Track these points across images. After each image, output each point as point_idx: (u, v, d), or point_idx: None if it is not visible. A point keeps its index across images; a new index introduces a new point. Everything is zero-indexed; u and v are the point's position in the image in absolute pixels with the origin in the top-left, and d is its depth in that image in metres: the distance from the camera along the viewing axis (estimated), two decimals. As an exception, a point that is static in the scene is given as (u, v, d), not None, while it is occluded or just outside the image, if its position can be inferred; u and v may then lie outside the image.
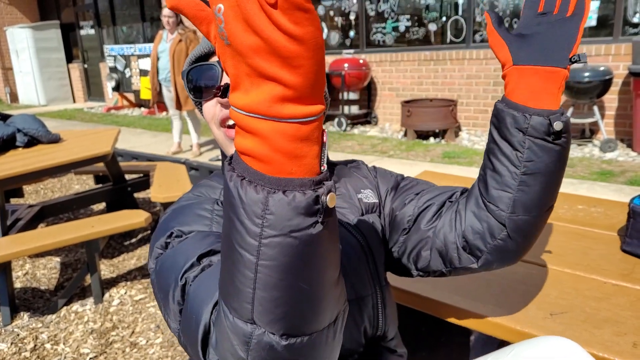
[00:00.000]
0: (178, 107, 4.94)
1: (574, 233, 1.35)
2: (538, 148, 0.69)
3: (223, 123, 0.72)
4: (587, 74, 4.25)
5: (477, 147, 5.03)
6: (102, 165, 3.49)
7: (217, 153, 5.17)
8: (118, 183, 3.42)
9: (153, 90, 5.21)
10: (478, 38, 5.68)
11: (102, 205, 3.92)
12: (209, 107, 0.74)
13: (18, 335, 2.21)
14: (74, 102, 11.98)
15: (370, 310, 0.78)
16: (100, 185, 3.69)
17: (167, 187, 2.96)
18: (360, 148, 5.21)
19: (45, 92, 11.44)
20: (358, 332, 0.77)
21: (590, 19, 4.83)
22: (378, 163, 4.48)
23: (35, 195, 4.51)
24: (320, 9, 6.81)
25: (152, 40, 9.02)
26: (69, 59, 11.84)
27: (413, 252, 0.83)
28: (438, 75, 5.87)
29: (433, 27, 5.96)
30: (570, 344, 0.75)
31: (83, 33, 11.34)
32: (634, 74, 4.13)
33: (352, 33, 6.64)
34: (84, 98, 11.84)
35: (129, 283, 2.68)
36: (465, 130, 5.77)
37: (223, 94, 0.66)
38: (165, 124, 7.39)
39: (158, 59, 5.02)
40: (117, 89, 9.50)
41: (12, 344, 2.15)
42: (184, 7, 0.37)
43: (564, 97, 4.76)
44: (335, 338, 0.45)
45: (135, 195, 3.77)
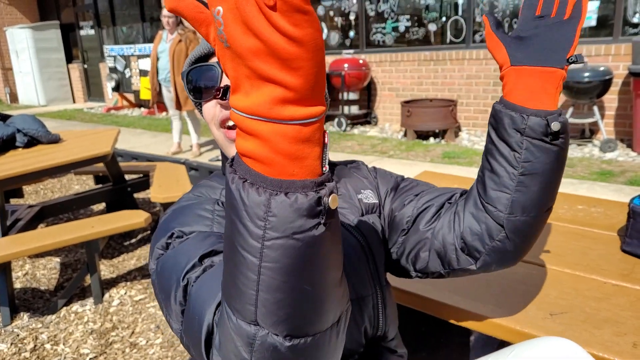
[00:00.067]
0: (178, 107, 4.94)
1: (574, 233, 1.35)
2: (536, 149, 0.69)
3: (223, 124, 0.72)
4: (587, 74, 4.25)
5: (477, 147, 5.03)
6: (102, 166, 3.49)
7: (216, 153, 5.17)
8: (118, 183, 3.42)
9: (153, 91, 5.21)
10: (478, 38, 5.68)
11: (102, 206, 3.92)
12: (209, 108, 0.74)
13: (18, 336, 2.21)
14: (74, 102, 11.98)
15: (371, 311, 0.78)
16: (100, 186, 3.69)
17: (166, 187, 2.96)
18: (360, 148, 5.21)
19: (45, 92, 11.44)
20: (358, 332, 0.77)
21: (590, 19, 4.83)
22: (378, 163, 4.48)
23: (35, 196, 4.51)
24: (320, 9, 6.81)
25: (151, 41, 9.02)
26: (69, 59, 11.84)
27: (412, 253, 0.83)
28: (438, 76, 5.87)
29: (433, 27, 5.96)
30: (571, 345, 0.75)
31: (83, 33, 11.34)
32: (634, 74, 4.13)
33: (352, 33, 6.64)
34: (84, 98, 11.84)
35: (129, 283, 2.68)
36: (465, 131, 5.78)
37: (223, 96, 0.66)
38: (165, 124, 7.39)
39: (158, 59, 5.02)
40: (117, 89, 9.51)
41: (12, 345, 2.15)
42: (183, 9, 0.37)
43: (564, 97, 4.76)
44: (339, 338, 0.45)
45: (135, 196, 3.77)
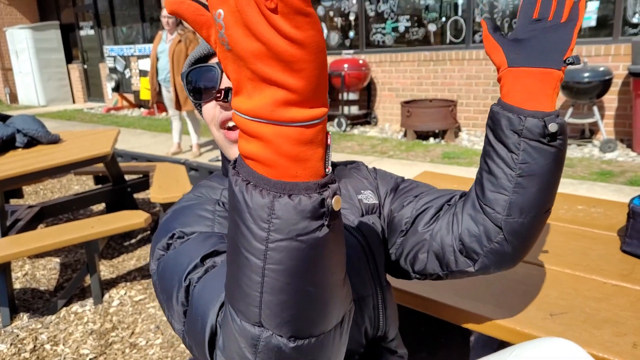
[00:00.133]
0: (177, 107, 4.94)
1: (574, 233, 1.35)
2: (533, 150, 0.69)
3: (223, 125, 0.72)
4: (586, 74, 4.25)
5: (476, 147, 5.03)
6: (101, 166, 3.49)
7: (216, 154, 5.17)
8: (118, 184, 3.42)
9: (152, 91, 5.21)
10: (477, 38, 5.68)
11: (101, 206, 3.92)
12: (209, 108, 0.74)
13: (17, 336, 2.21)
14: (74, 102, 11.98)
15: (371, 311, 0.78)
16: (100, 186, 3.69)
17: (166, 187, 2.96)
18: (360, 148, 5.21)
19: (45, 92, 11.44)
20: (359, 332, 0.77)
21: (590, 19, 4.84)
22: (378, 163, 4.48)
23: (35, 196, 4.51)
24: (320, 10, 6.81)
25: (151, 41, 9.02)
26: (69, 60, 11.84)
27: (410, 254, 0.83)
28: (438, 76, 5.87)
29: (433, 27, 5.96)
30: (572, 346, 0.75)
31: (83, 34, 11.34)
32: (634, 74, 4.13)
33: (351, 33, 6.64)
34: (84, 99, 11.84)
35: (129, 284, 2.68)
36: (465, 131, 5.78)
37: (225, 97, 0.66)
38: (165, 125, 7.38)
39: (157, 60, 5.02)
40: (116, 90, 9.51)
41: (11, 345, 2.14)
42: (184, 11, 0.37)
43: (564, 97, 4.77)
44: (342, 338, 0.45)
45: (135, 196, 3.77)
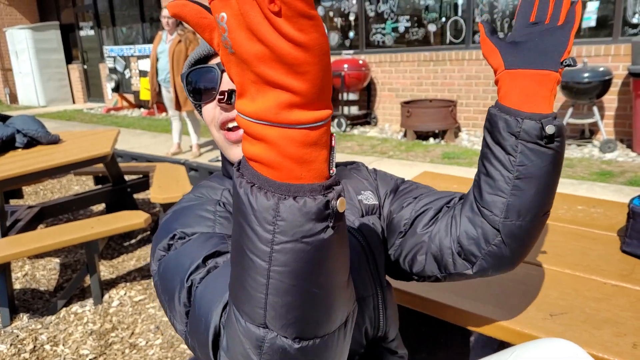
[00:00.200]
0: (177, 107, 4.94)
1: (574, 233, 1.35)
2: (531, 152, 0.69)
3: (223, 126, 0.72)
4: (586, 75, 4.25)
5: (476, 147, 5.03)
6: (101, 166, 3.49)
7: (216, 154, 5.17)
8: (117, 184, 3.42)
9: (152, 91, 5.21)
10: (477, 39, 5.68)
11: (101, 206, 3.92)
12: (209, 109, 0.74)
13: (17, 337, 2.21)
14: (74, 103, 11.97)
15: (372, 311, 0.78)
16: (100, 186, 3.69)
17: (166, 188, 2.96)
18: (360, 149, 5.21)
19: (45, 93, 11.44)
20: (359, 332, 0.77)
21: (590, 20, 4.84)
22: (378, 164, 4.48)
23: (35, 196, 4.50)
24: (320, 10, 6.81)
25: (151, 41, 9.02)
26: (69, 60, 11.84)
27: (409, 255, 0.83)
28: (437, 76, 5.87)
29: (432, 27, 5.96)
30: (572, 346, 0.75)
31: (83, 34, 11.34)
32: (634, 75, 4.13)
33: (351, 34, 6.64)
34: (84, 99, 11.84)
35: (129, 284, 2.68)
36: (465, 131, 5.78)
37: (228, 99, 0.66)
38: (165, 125, 7.38)
39: (157, 60, 5.02)
40: (116, 90, 9.50)
41: (11, 345, 2.14)
42: (186, 14, 0.38)
43: (564, 97, 4.77)
44: (346, 338, 0.45)
45: (135, 196, 3.77)
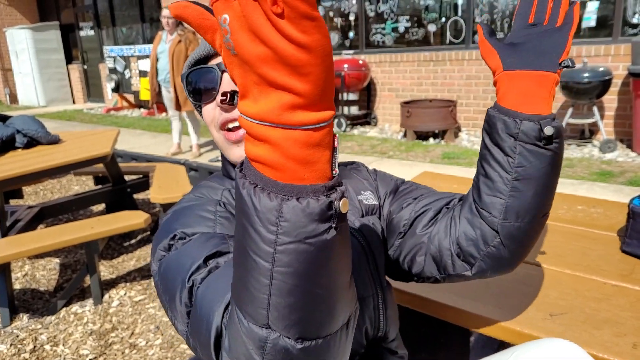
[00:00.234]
0: (177, 107, 4.94)
1: (574, 233, 1.35)
2: (529, 153, 0.69)
3: (223, 126, 0.72)
4: (586, 75, 4.25)
5: (476, 147, 5.03)
6: (101, 166, 3.49)
7: (216, 154, 5.17)
8: (117, 184, 3.42)
9: (152, 91, 5.21)
10: (477, 39, 5.67)
11: (101, 206, 3.92)
12: (209, 110, 0.74)
13: (17, 337, 2.21)
14: (74, 103, 11.97)
15: (372, 311, 0.78)
16: (100, 186, 3.69)
17: (166, 188, 2.96)
18: (360, 149, 5.21)
19: (45, 93, 11.44)
20: (359, 333, 0.77)
21: (590, 20, 4.84)
22: (378, 164, 4.48)
23: (35, 196, 4.50)
24: (320, 10, 6.80)
25: (151, 41, 9.02)
26: (69, 60, 11.84)
27: (408, 256, 0.83)
28: (437, 76, 5.87)
29: (432, 27, 5.96)
30: (572, 347, 0.75)
31: (83, 34, 11.34)
32: (634, 75, 4.13)
33: (351, 34, 6.64)
34: (84, 99, 11.84)
35: (129, 284, 2.68)
36: (465, 131, 5.78)
37: (231, 101, 0.66)
38: (165, 125, 7.38)
39: (157, 60, 5.02)
40: (116, 90, 9.50)
41: (11, 345, 2.14)
42: (188, 16, 0.38)
43: (564, 97, 4.77)
44: (348, 338, 0.45)
45: (135, 196, 3.77)
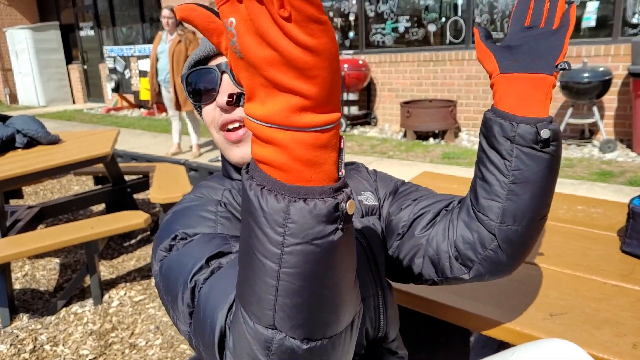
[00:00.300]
0: (177, 107, 4.94)
1: (574, 234, 1.35)
2: (526, 156, 0.68)
3: (223, 127, 0.72)
4: (586, 75, 4.25)
5: (476, 147, 5.01)
6: (101, 166, 3.49)
7: (216, 154, 5.17)
8: (117, 184, 3.41)
9: (152, 91, 5.21)
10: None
11: (101, 206, 3.92)
12: (209, 111, 0.74)
13: (17, 337, 2.21)
14: (74, 103, 11.97)
15: (372, 312, 0.78)
16: (100, 186, 3.69)
17: (166, 188, 2.96)
18: (360, 149, 5.21)
19: (45, 93, 11.44)
20: (360, 333, 0.77)
21: (590, 20, 4.84)
22: (377, 164, 4.48)
23: (35, 196, 4.50)
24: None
25: (151, 41, 9.01)
26: (69, 60, 11.84)
27: (406, 258, 0.82)
28: (437, 76, 5.87)
29: (432, 27, 5.96)
30: (573, 347, 0.75)
31: (83, 34, 11.34)
32: (634, 75, 4.13)
33: (351, 34, 6.64)
34: (84, 99, 11.84)
35: (129, 284, 2.68)
36: (465, 131, 5.78)
37: (237, 102, 0.66)
38: (165, 125, 7.38)
39: (157, 60, 5.02)
40: (116, 90, 9.50)
41: (11, 346, 2.14)
42: (194, 18, 0.38)
43: (564, 97, 4.77)
44: (352, 338, 0.46)
45: (135, 196, 3.77)
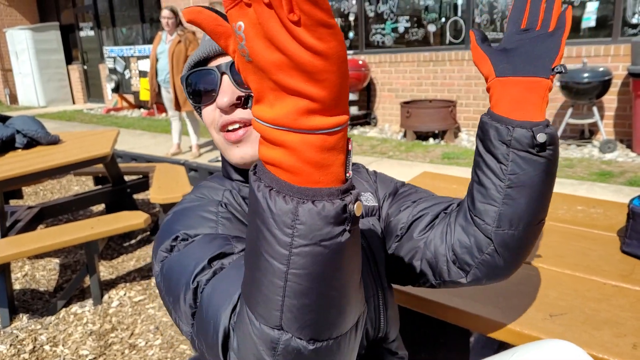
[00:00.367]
0: (177, 108, 4.94)
1: (574, 234, 1.35)
2: (522, 160, 0.68)
3: (223, 128, 0.72)
4: (586, 75, 4.25)
5: (476, 148, 5.02)
6: (101, 167, 3.48)
7: (216, 154, 5.17)
8: (117, 184, 3.41)
9: (152, 92, 5.21)
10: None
11: (101, 207, 3.92)
12: (209, 112, 0.74)
13: (17, 337, 2.21)
14: (74, 103, 11.97)
15: (372, 312, 0.78)
16: (100, 187, 3.69)
17: (166, 188, 2.96)
18: (360, 149, 5.21)
19: (45, 93, 11.44)
20: (360, 333, 0.77)
21: (589, 20, 4.84)
22: (377, 164, 4.48)
23: (35, 197, 4.50)
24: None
25: (151, 42, 9.01)
26: (69, 61, 11.84)
27: (404, 260, 0.82)
28: (437, 76, 5.87)
29: (432, 28, 5.96)
30: (573, 348, 0.75)
31: (82, 34, 11.34)
32: (633, 75, 4.13)
33: (351, 34, 6.64)
34: (84, 99, 11.84)
35: (128, 284, 2.68)
36: (465, 131, 5.78)
37: (245, 104, 0.66)
38: (165, 125, 7.38)
39: (157, 60, 5.02)
40: (116, 90, 9.50)
41: (11, 346, 2.14)
42: (202, 21, 0.38)
43: (564, 97, 4.77)
44: (357, 338, 0.46)
45: (135, 197, 3.77)
